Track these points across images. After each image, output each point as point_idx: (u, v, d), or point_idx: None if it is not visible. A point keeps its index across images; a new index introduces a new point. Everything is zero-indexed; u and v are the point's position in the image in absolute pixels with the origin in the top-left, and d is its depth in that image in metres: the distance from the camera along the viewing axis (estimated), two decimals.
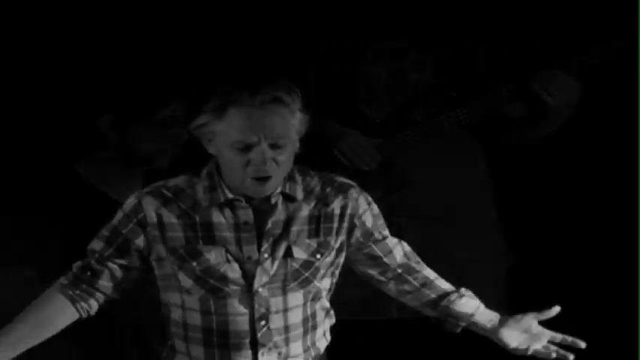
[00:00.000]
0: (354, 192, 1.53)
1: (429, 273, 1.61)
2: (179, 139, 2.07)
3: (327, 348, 1.63)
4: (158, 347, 1.59)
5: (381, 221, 1.60)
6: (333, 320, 1.63)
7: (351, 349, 1.95)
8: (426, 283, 1.60)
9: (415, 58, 2.45)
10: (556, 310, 1.55)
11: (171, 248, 1.46)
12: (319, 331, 1.56)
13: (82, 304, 1.47)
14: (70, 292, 1.46)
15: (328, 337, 1.62)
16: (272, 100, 1.37)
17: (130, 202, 1.48)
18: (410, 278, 1.60)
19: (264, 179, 1.39)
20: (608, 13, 2.72)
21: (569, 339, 1.56)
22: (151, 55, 2.77)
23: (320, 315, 1.55)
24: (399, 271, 1.59)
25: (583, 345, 1.55)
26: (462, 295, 1.58)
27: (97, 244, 1.49)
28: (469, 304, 1.58)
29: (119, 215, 1.49)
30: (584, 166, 2.93)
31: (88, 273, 1.47)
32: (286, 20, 3.00)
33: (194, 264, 1.44)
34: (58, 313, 1.46)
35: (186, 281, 1.46)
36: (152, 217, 1.45)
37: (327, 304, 1.59)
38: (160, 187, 1.48)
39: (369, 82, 2.47)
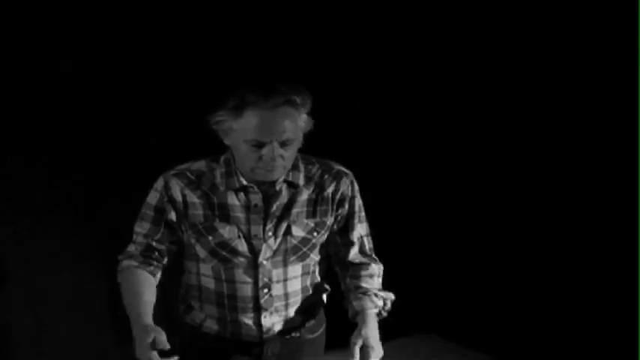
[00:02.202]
0: (347, 180, 1.73)
1: (363, 280, 1.77)
2: None
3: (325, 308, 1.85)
4: (178, 304, 1.82)
5: (362, 214, 1.78)
6: (328, 289, 1.85)
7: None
8: (353, 286, 1.77)
9: None
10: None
11: (192, 224, 1.67)
12: (317, 296, 1.81)
13: (156, 274, 1.71)
14: (148, 269, 1.69)
15: (325, 300, 1.84)
16: (283, 103, 1.53)
17: (160, 182, 1.68)
18: (346, 274, 1.79)
19: (271, 170, 1.58)
20: (608, 13, 2.73)
21: None
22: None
23: (319, 284, 1.81)
24: (341, 259, 1.79)
25: None
26: (364, 296, 1.74)
27: (141, 225, 1.69)
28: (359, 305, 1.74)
29: (153, 194, 1.68)
30: (583, 166, 2.95)
31: (147, 251, 1.69)
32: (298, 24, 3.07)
33: (210, 238, 1.65)
34: (150, 287, 1.68)
35: (202, 252, 1.68)
36: (178, 196, 1.66)
37: (321, 273, 1.81)
38: (184, 170, 1.68)
39: None
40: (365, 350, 1.64)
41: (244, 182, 1.63)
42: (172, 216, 1.67)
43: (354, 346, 1.63)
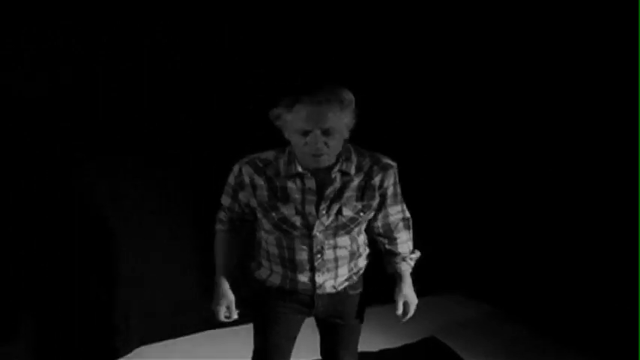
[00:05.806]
0: (391, 171, 2.09)
1: (399, 247, 2.23)
2: None
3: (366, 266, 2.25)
4: (250, 263, 2.26)
5: (399, 196, 2.17)
6: (368, 251, 2.25)
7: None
8: (389, 251, 2.24)
9: None
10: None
11: (259, 202, 2.07)
12: (361, 258, 2.22)
13: (238, 236, 2.22)
14: (232, 234, 2.21)
15: (366, 259, 2.25)
16: (325, 101, 1.87)
17: (236, 168, 2.09)
18: (386, 242, 2.23)
19: (318, 155, 1.93)
20: (608, 13, 2.79)
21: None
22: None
23: (362, 248, 2.21)
24: (381, 231, 2.21)
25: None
26: (401, 261, 2.23)
27: (224, 199, 2.17)
28: (399, 268, 2.23)
29: (231, 176, 2.12)
30: (583, 166, 3.04)
31: (232, 218, 2.17)
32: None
33: (273, 214, 2.05)
34: (230, 250, 2.21)
35: (267, 225, 2.09)
36: (247, 180, 2.07)
37: (366, 240, 2.22)
38: (254, 158, 2.07)
39: None
40: (406, 304, 2.21)
41: (300, 169, 2.00)
42: (241, 196, 2.10)
43: (399, 302, 2.19)
